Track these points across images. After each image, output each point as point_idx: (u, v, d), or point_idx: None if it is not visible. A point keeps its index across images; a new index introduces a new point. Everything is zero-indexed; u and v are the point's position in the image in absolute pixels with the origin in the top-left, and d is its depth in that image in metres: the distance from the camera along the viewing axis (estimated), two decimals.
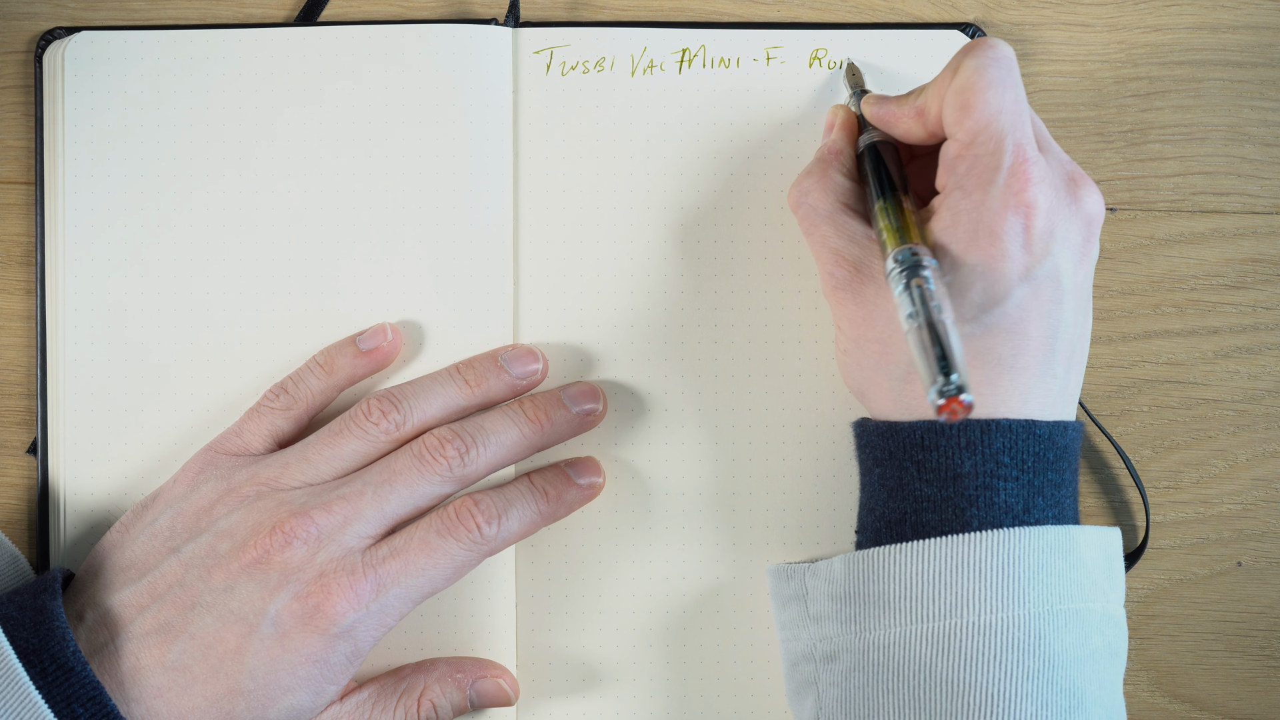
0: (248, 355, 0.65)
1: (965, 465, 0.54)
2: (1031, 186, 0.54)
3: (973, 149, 0.55)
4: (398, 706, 0.61)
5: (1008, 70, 0.55)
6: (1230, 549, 0.67)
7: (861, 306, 0.57)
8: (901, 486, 0.56)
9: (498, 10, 0.66)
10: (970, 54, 0.56)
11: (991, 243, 0.54)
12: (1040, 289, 0.54)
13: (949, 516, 0.54)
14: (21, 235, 0.66)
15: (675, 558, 0.65)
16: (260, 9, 0.67)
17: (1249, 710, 0.67)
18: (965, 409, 0.49)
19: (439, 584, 0.59)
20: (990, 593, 0.53)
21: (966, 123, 0.55)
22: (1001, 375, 0.54)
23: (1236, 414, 0.67)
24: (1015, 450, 0.54)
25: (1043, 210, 0.54)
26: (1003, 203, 0.54)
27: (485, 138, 0.65)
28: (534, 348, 0.64)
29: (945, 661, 0.53)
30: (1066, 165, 0.57)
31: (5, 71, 0.67)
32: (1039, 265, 0.54)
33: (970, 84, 0.55)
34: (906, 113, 0.58)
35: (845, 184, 0.60)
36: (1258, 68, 0.67)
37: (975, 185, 0.55)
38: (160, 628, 0.58)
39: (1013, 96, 0.55)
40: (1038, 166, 0.54)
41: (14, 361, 0.66)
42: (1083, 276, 0.56)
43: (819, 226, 0.59)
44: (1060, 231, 0.55)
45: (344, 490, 0.59)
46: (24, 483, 0.66)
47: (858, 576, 0.55)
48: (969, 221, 0.54)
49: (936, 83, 0.57)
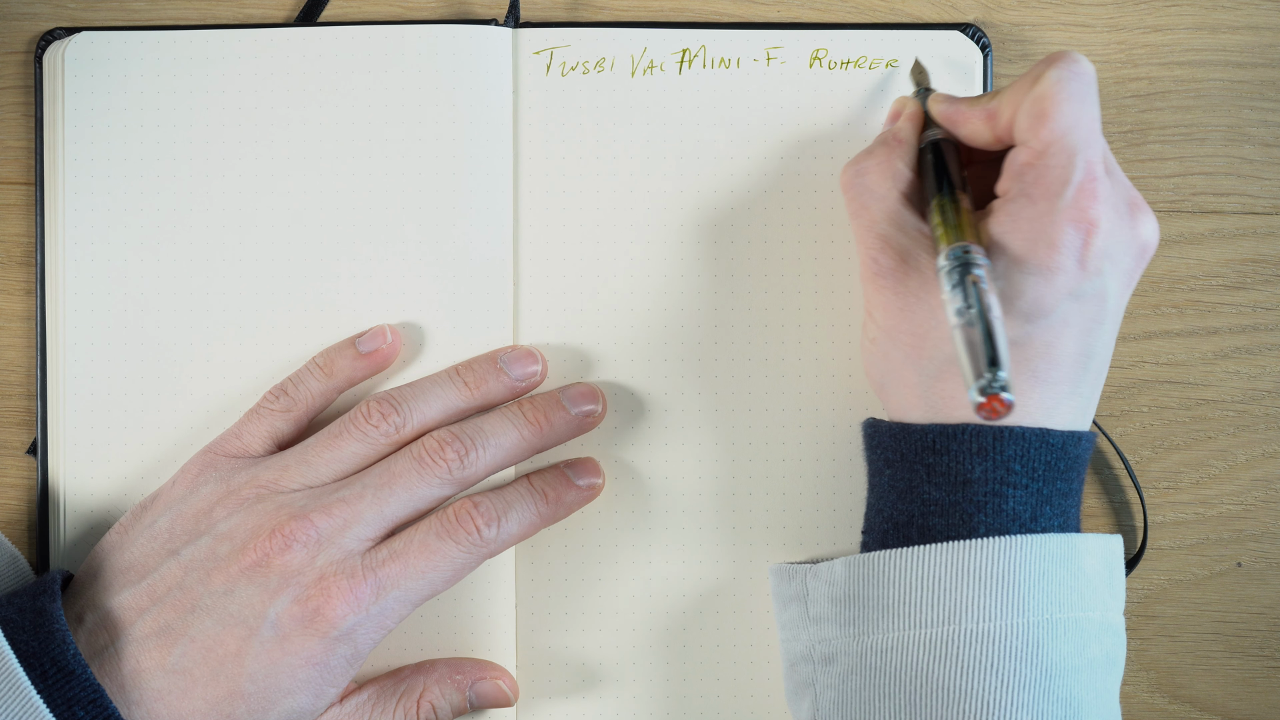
0: (247, 356, 0.65)
1: (975, 471, 0.54)
2: (1097, 204, 0.54)
3: (1044, 158, 0.55)
4: (397, 708, 0.61)
5: (1088, 86, 0.55)
6: (1230, 549, 0.67)
7: (901, 297, 0.56)
8: (911, 489, 0.55)
9: (498, 10, 0.66)
10: (1053, 64, 0.55)
11: (1049, 253, 0.53)
12: (1086, 307, 0.55)
13: (956, 521, 0.54)
14: (21, 235, 0.66)
15: (675, 558, 0.65)
16: (260, 9, 0.67)
17: (1249, 710, 0.67)
18: (1006, 408, 0.49)
19: (439, 586, 0.59)
20: (991, 600, 0.53)
21: (1041, 131, 0.55)
22: (1033, 388, 0.54)
23: (1236, 414, 0.67)
24: (1027, 458, 0.54)
25: (1103, 229, 0.54)
26: (1066, 216, 0.54)
27: (485, 138, 0.65)
28: (533, 349, 0.64)
29: (943, 668, 0.53)
30: (1129, 191, 0.57)
31: (5, 72, 0.66)
32: (1089, 283, 0.54)
33: (1050, 93, 0.55)
34: (976, 114, 0.58)
35: (905, 173, 0.59)
36: (1258, 68, 0.67)
37: (1041, 195, 0.54)
38: (160, 630, 0.58)
39: (1090, 114, 0.55)
40: (1104, 186, 0.54)
41: (14, 361, 0.66)
42: (1125, 301, 0.57)
43: (870, 209, 0.58)
44: (1115, 253, 0.55)
45: (343, 493, 0.59)
46: (24, 483, 0.66)
47: (858, 580, 0.55)
48: (1029, 229, 0.54)
49: (1013, 89, 0.56)
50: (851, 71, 0.65)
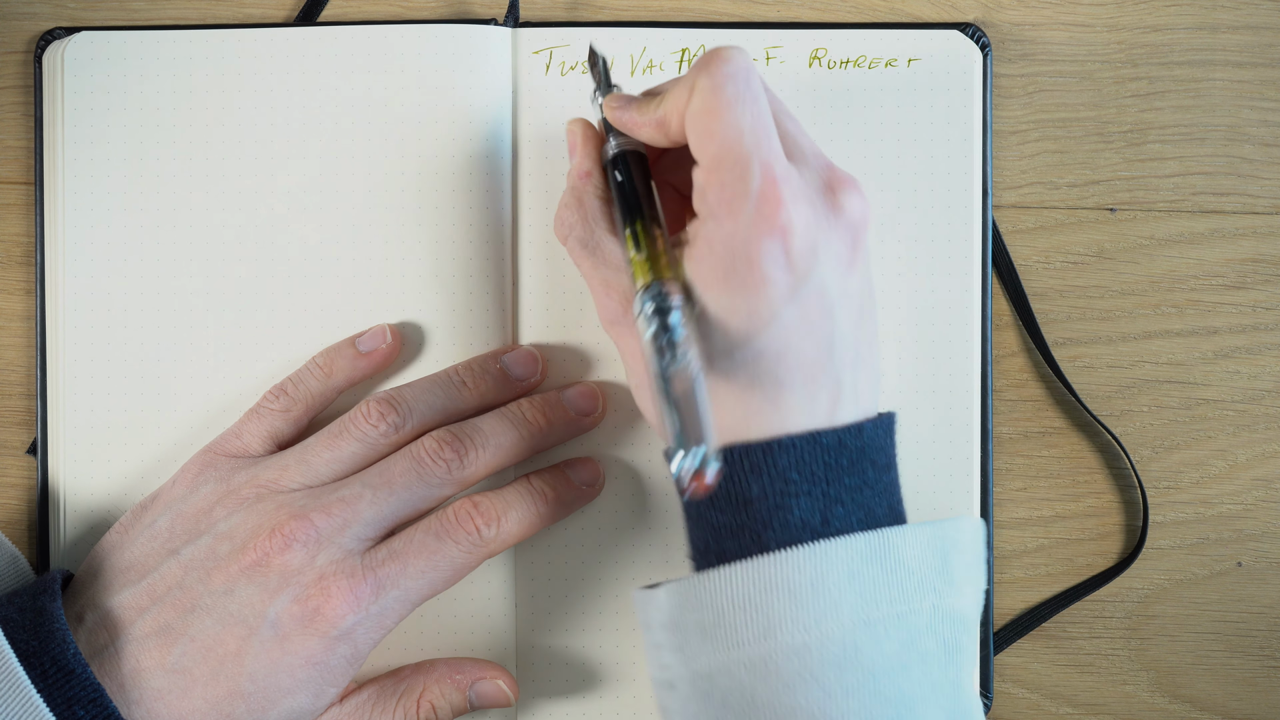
0: (247, 356, 0.65)
1: (754, 489, 0.52)
2: (784, 207, 0.51)
3: (718, 174, 0.52)
4: (397, 708, 0.61)
5: (745, 84, 0.52)
6: (1230, 549, 0.67)
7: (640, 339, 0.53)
8: (700, 516, 0.54)
9: (497, 10, 0.66)
10: (705, 71, 0.53)
11: (750, 270, 0.51)
12: (808, 306, 0.52)
13: (747, 542, 0.52)
14: (21, 235, 0.66)
15: (674, 558, 0.65)
16: (260, 9, 0.67)
17: (1249, 710, 0.67)
18: (715, 480, 0.48)
19: (438, 586, 0.59)
20: (801, 611, 0.51)
21: (709, 148, 0.52)
22: (780, 393, 0.52)
23: (1236, 414, 0.67)
24: (803, 465, 0.52)
25: (799, 230, 0.52)
26: (756, 229, 0.51)
27: (485, 138, 0.65)
28: (533, 349, 0.64)
29: (765, 686, 0.51)
30: (823, 171, 0.54)
31: (5, 71, 0.67)
32: (804, 284, 0.52)
33: (708, 106, 0.52)
34: (648, 125, 0.56)
35: (602, 208, 0.57)
36: (1258, 68, 0.67)
37: (726, 213, 0.52)
38: (160, 630, 0.58)
39: (753, 112, 0.52)
40: (788, 185, 0.52)
41: (14, 361, 0.66)
42: (854, 283, 0.54)
43: (586, 258, 0.57)
44: (822, 245, 0.52)
45: (343, 493, 0.59)
46: (24, 483, 0.66)
47: (679, 606, 0.53)
48: (725, 251, 0.52)
49: (675, 96, 0.54)
50: (851, 71, 0.65)
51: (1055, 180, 0.67)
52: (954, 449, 0.65)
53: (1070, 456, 0.67)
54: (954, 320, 0.65)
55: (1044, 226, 0.67)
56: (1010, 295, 0.66)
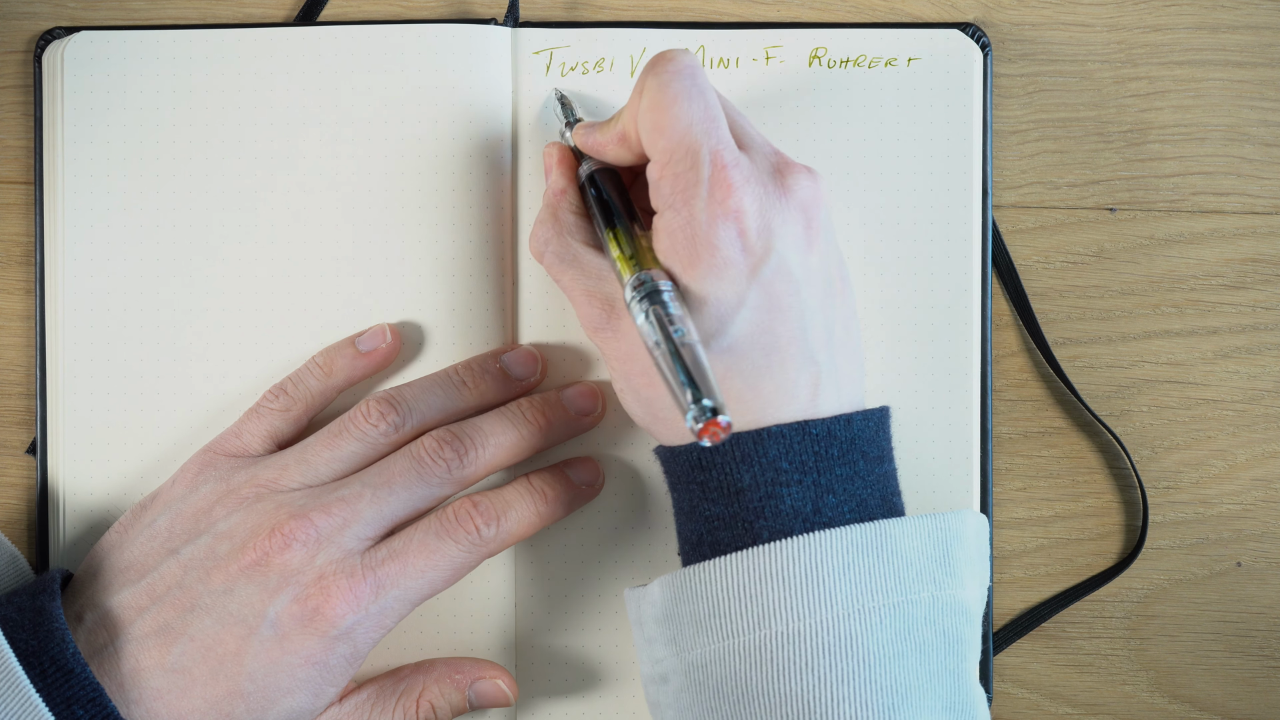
0: (247, 355, 0.65)
1: (745, 479, 0.53)
2: (735, 192, 0.54)
3: (671, 167, 0.55)
4: (396, 707, 0.61)
5: (690, 79, 0.55)
6: (1230, 549, 0.67)
7: (621, 342, 0.56)
8: (693, 508, 0.55)
9: (497, 10, 0.66)
10: (651, 72, 0.55)
11: (710, 255, 0.53)
12: (772, 286, 0.54)
13: (739, 532, 0.53)
14: (21, 235, 0.66)
15: (674, 558, 0.65)
16: (260, 9, 0.67)
17: (1249, 710, 0.67)
18: (725, 429, 0.49)
19: (438, 585, 0.59)
20: (796, 600, 0.52)
21: (660, 142, 0.55)
22: (760, 379, 0.54)
23: (1236, 414, 0.67)
24: (793, 454, 0.53)
25: (752, 212, 0.54)
26: (711, 214, 0.53)
27: (485, 138, 0.65)
28: (533, 349, 0.64)
29: (759, 675, 0.52)
30: (771, 157, 0.56)
31: (5, 71, 0.67)
32: (764, 264, 0.54)
33: (656, 102, 0.55)
34: (611, 140, 0.58)
35: (577, 222, 0.59)
36: (1258, 68, 0.67)
37: (681, 202, 0.54)
38: (160, 629, 0.58)
39: (700, 105, 0.54)
40: (738, 170, 0.54)
41: (14, 361, 0.66)
42: (816, 261, 0.55)
43: (566, 272, 0.58)
44: (777, 225, 0.54)
45: (343, 492, 0.59)
46: (24, 483, 0.66)
47: (671, 598, 0.54)
48: (685, 239, 0.54)
49: (629, 106, 0.57)
50: (851, 70, 0.65)
51: (1055, 180, 0.67)
52: (954, 449, 0.65)
53: (1070, 456, 0.67)
54: (954, 320, 0.65)
55: (1044, 226, 0.67)
56: (1010, 295, 0.66)
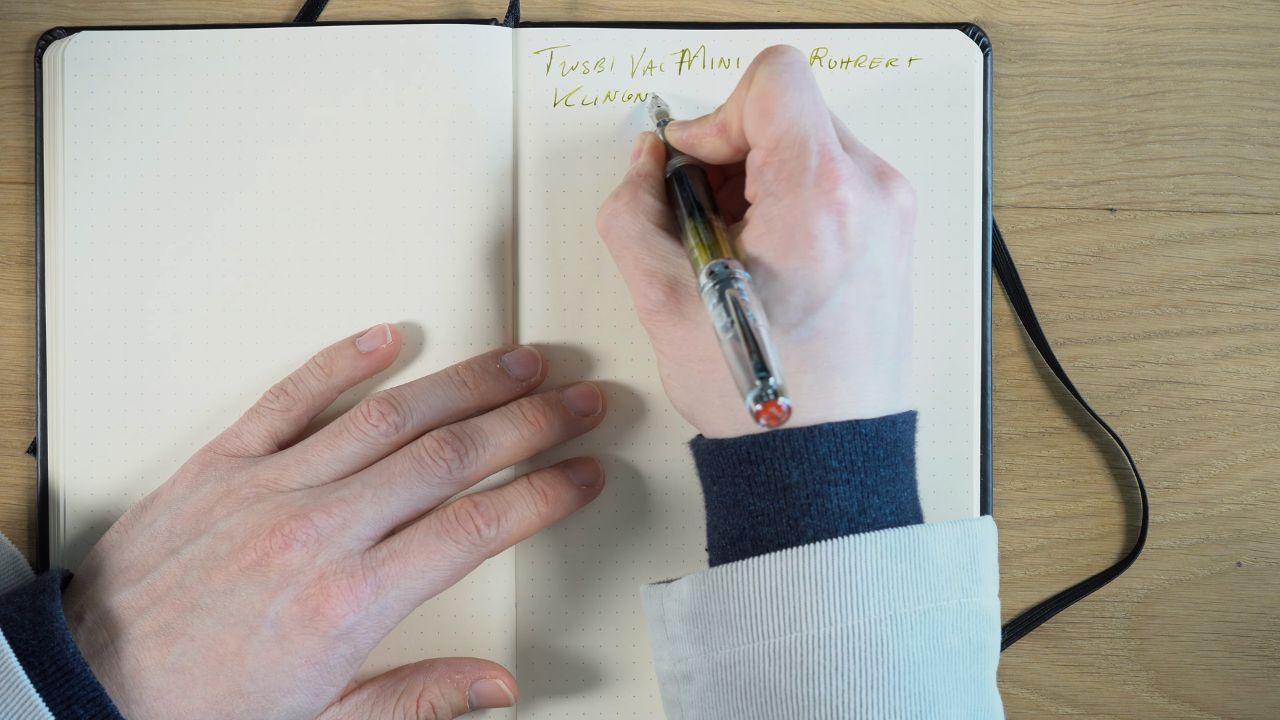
0: (248, 355, 0.65)
1: (794, 475, 0.53)
2: (841, 184, 0.53)
3: (778, 154, 0.54)
4: (396, 707, 0.61)
5: (801, 73, 0.55)
6: (1230, 549, 0.67)
7: (681, 326, 0.56)
8: (736, 502, 0.54)
9: (498, 10, 0.66)
10: (763, 62, 0.55)
11: (808, 244, 0.53)
12: (861, 286, 0.54)
13: (784, 528, 0.53)
14: (21, 235, 0.66)
15: (674, 558, 0.65)
16: (260, 9, 0.67)
17: (1249, 710, 0.67)
18: (785, 413, 0.48)
19: (438, 586, 0.59)
20: (828, 603, 0.52)
21: (769, 129, 0.54)
22: (832, 378, 0.53)
23: (1236, 414, 0.67)
24: (843, 453, 0.53)
25: (855, 206, 0.53)
26: (814, 203, 0.53)
27: (485, 138, 0.65)
28: (533, 349, 0.64)
29: (788, 677, 0.52)
30: (873, 160, 0.56)
31: (5, 71, 0.67)
32: (857, 261, 0.53)
33: (767, 91, 0.55)
34: (709, 131, 0.58)
35: (655, 205, 0.59)
36: (1258, 68, 0.67)
37: (785, 189, 0.54)
38: (160, 629, 0.58)
39: (810, 98, 0.55)
40: (845, 164, 0.54)
41: (14, 361, 0.66)
42: (902, 268, 0.56)
43: (630, 248, 0.58)
44: (875, 225, 0.54)
45: (343, 492, 0.59)
46: (24, 483, 0.66)
47: (701, 597, 0.54)
48: (783, 226, 0.54)
49: (734, 96, 0.56)
50: (851, 71, 0.65)
51: (1055, 180, 0.67)
52: (954, 449, 0.65)
53: (1070, 456, 0.67)
54: (954, 320, 0.65)
55: (1044, 226, 0.67)
56: (1010, 295, 0.66)
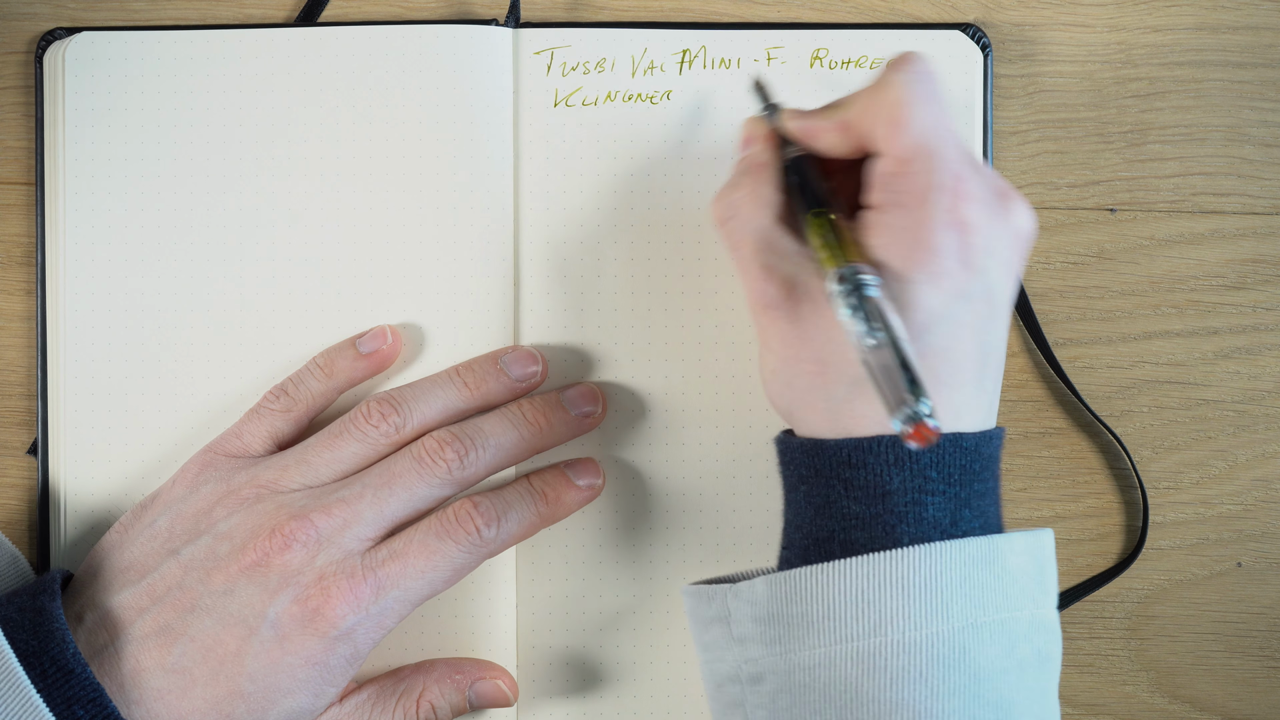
0: (248, 356, 0.65)
1: (894, 482, 0.53)
2: (968, 204, 0.53)
3: (908, 165, 0.54)
4: (396, 708, 0.61)
5: (935, 85, 0.55)
6: (1230, 549, 0.67)
7: (796, 325, 0.55)
8: (829, 504, 0.54)
9: (498, 11, 0.66)
10: (898, 69, 0.55)
11: (930, 259, 0.53)
12: (976, 306, 0.54)
13: (879, 534, 0.53)
14: (21, 235, 0.66)
15: (675, 558, 0.65)
16: (260, 9, 0.67)
17: (1249, 710, 0.67)
18: (935, 435, 0.48)
19: (438, 586, 0.59)
20: (914, 609, 0.52)
21: (901, 139, 0.54)
22: (938, 393, 0.53)
23: (1236, 414, 0.67)
24: (943, 465, 0.53)
25: (979, 227, 0.53)
26: (940, 220, 0.53)
27: (485, 138, 0.65)
28: (533, 350, 0.64)
29: (871, 681, 0.52)
30: (996, 181, 0.56)
31: (5, 72, 0.67)
32: (975, 281, 0.53)
33: (901, 99, 0.54)
34: (831, 127, 0.57)
35: (775, 197, 0.58)
36: (1258, 68, 0.67)
37: (913, 202, 0.53)
38: (160, 630, 0.58)
39: (944, 113, 0.54)
40: (972, 183, 0.54)
41: (14, 361, 0.66)
42: (1012, 291, 0.56)
43: (749, 242, 0.57)
44: (995, 248, 0.54)
45: (343, 493, 0.59)
46: (24, 483, 0.66)
47: (781, 598, 0.54)
48: (908, 239, 0.53)
49: (863, 97, 0.56)
50: (852, 71, 0.65)
51: (1055, 180, 0.67)
52: None
53: (1070, 457, 0.67)
54: None
55: (1044, 226, 0.67)
56: None
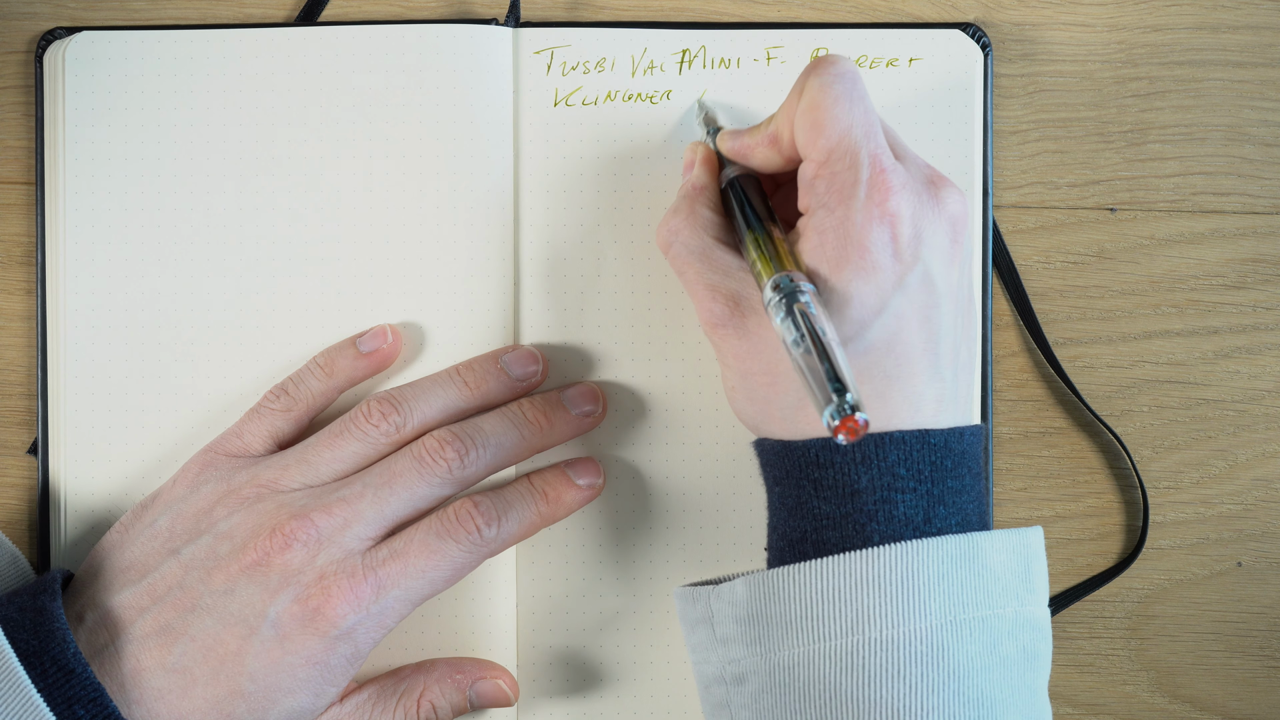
0: (248, 355, 0.65)
1: (862, 480, 0.53)
2: (893, 195, 0.54)
3: (829, 166, 0.55)
4: (397, 707, 0.61)
5: (852, 84, 0.55)
6: (1230, 549, 0.67)
7: (745, 340, 0.56)
8: (800, 505, 0.55)
9: (498, 10, 0.66)
10: (813, 73, 0.55)
11: (861, 256, 0.53)
12: (915, 296, 0.54)
13: (849, 533, 0.53)
14: (22, 235, 0.66)
15: (675, 558, 0.65)
16: (260, 9, 0.67)
17: (1249, 710, 0.67)
18: (863, 428, 0.49)
19: (439, 585, 0.59)
20: (890, 607, 0.52)
21: (819, 141, 0.55)
22: (889, 387, 0.54)
23: (1236, 414, 0.67)
24: (911, 461, 0.53)
25: (907, 217, 0.54)
26: (866, 215, 0.54)
27: (485, 138, 0.65)
28: (534, 349, 0.64)
29: (849, 679, 0.52)
30: (924, 169, 0.56)
31: (5, 71, 0.67)
32: (910, 272, 0.54)
33: (817, 102, 0.55)
34: (760, 141, 0.58)
35: (713, 218, 0.59)
36: (1258, 68, 0.67)
37: (837, 202, 0.54)
38: (161, 629, 0.58)
39: (861, 109, 0.55)
40: (896, 175, 0.54)
41: (14, 361, 0.66)
42: (955, 277, 0.56)
43: (692, 264, 0.58)
44: (927, 235, 0.54)
45: (344, 492, 0.59)
46: (24, 483, 0.66)
47: (759, 598, 0.54)
48: (836, 239, 0.54)
49: (785, 107, 0.57)
50: None
51: (1055, 180, 0.67)
52: None
53: (1070, 456, 0.67)
54: None
55: (1044, 226, 0.67)
56: (1011, 295, 0.66)
